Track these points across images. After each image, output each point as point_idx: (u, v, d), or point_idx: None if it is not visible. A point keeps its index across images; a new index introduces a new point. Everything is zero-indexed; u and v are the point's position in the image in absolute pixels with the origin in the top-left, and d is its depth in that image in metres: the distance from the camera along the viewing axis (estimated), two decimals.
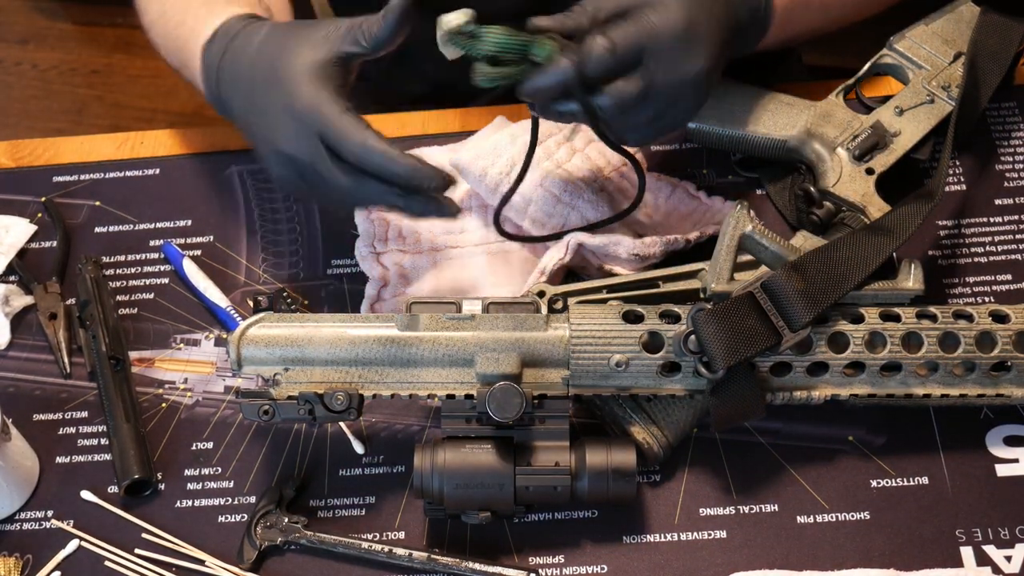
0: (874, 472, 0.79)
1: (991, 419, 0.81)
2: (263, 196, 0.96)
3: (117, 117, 2.17)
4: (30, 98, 2.23)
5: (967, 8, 0.93)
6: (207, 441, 0.84)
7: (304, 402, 0.74)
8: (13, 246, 0.94)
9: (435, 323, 0.74)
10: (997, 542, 0.76)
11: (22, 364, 0.88)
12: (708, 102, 0.89)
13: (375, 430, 0.83)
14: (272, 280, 0.91)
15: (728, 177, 0.94)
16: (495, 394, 0.72)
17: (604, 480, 0.74)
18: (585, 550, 0.77)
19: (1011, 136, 0.95)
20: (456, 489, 0.73)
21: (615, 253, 0.83)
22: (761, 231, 0.75)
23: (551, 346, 0.74)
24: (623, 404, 0.77)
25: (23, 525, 0.80)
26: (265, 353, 0.74)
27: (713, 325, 0.71)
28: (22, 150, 1.02)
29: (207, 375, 0.87)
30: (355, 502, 0.80)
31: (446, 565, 0.76)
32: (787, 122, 0.89)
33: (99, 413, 0.85)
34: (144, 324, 0.90)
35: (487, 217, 0.90)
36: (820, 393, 0.75)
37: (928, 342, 0.74)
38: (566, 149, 0.89)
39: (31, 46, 2.30)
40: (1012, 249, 0.89)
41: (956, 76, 0.89)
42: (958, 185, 0.93)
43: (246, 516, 0.80)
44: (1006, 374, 0.75)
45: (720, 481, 0.79)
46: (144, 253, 0.94)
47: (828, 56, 1.26)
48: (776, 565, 0.76)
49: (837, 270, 0.74)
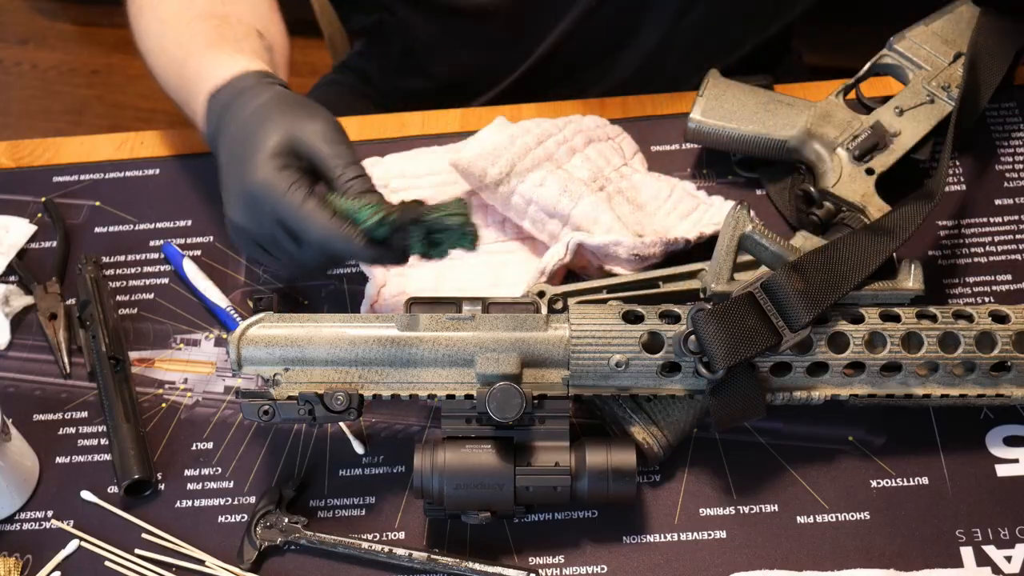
0: (874, 472, 0.79)
1: (991, 419, 0.81)
2: None
3: (117, 117, 2.17)
4: (30, 98, 2.23)
5: (967, 8, 0.93)
6: (207, 441, 0.84)
7: (304, 402, 0.74)
8: (13, 246, 0.94)
9: (435, 323, 0.74)
10: (997, 542, 0.76)
11: (22, 364, 0.88)
12: (708, 102, 0.90)
13: (375, 430, 0.83)
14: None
15: (728, 177, 0.95)
16: (495, 394, 0.72)
17: (604, 480, 0.74)
18: (585, 550, 0.77)
19: (1011, 136, 0.95)
20: (456, 489, 0.73)
21: (615, 253, 0.83)
22: (761, 231, 0.75)
23: (551, 346, 0.74)
24: (623, 404, 0.77)
25: (23, 525, 0.80)
26: (265, 353, 0.74)
27: (713, 325, 0.71)
28: (22, 150, 1.02)
29: (207, 375, 0.87)
30: (355, 502, 0.80)
31: (446, 565, 0.76)
32: (787, 122, 0.89)
33: (99, 413, 0.85)
34: (144, 324, 0.90)
35: (487, 217, 0.90)
36: (820, 393, 0.75)
37: (928, 342, 0.74)
38: (566, 149, 0.89)
39: (31, 46, 2.30)
40: (1012, 249, 0.89)
41: (956, 76, 0.89)
42: (958, 185, 0.93)
43: (246, 516, 0.80)
44: (1006, 374, 0.75)
45: (720, 481, 0.79)
46: (144, 253, 0.94)
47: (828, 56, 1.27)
48: (776, 565, 0.76)
49: (837, 270, 0.74)
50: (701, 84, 0.91)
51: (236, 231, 0.78)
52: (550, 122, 0.92)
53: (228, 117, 0.79)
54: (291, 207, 0.73)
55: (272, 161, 0.74)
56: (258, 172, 0.74)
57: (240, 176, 0.75)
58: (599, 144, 0.91)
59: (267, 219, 0.74)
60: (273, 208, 0.73)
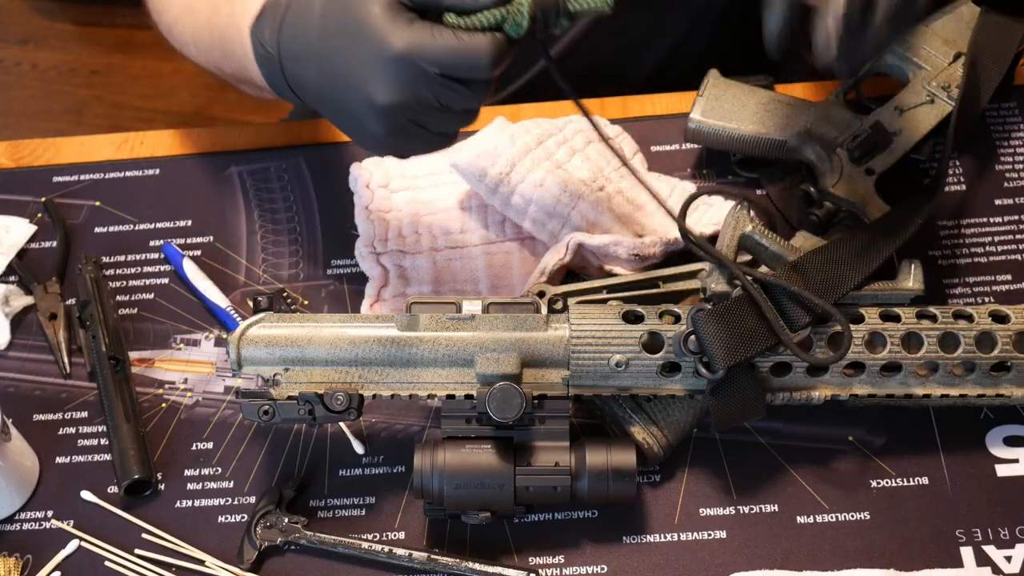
0: (874, 472, 0.79)
1: (991, 419, 0.81)
2: (263, 196, 0.96)
3: (117, 117, 2.17)
4: (30, 98, 2.23)
5: (967, 8, 0.93)
6: (207, 441, 0.84)
7: (304, 402, 0.74)
8: (13, 246, 0.94)
9: (435, 323, 0.74)
10: (997, 542, 0.76)
11: (22, 364, 0.88)
12: (708, 102, 0.89)
13: (375, 430, 0.83)
14: (272, 280, 0.91)
15: (728, 177, 0.95)
16: (495, 394, 0.72)
17: (604, 480, 0.74)
18: (585, 550, 0.77)
19: (1011, 136, 0.95)
20: (456, 489, 0.73)
21: (615, 253, 0.84)
22: (761, 231, 0.75)
23: (551, 346, 0.74)
24: (623, 404, 0.77)
25: (23, 525, 0.80)
26: (265, 353, 0.74)
27: (713, 325, 0.71)
28: (22, 150, 1.02)
29: (207, 375, 0.87)
30: (355, 502, 0.80)
31: (446, 565, 0.76)
32: (787, 122, 0.89)
33: (99, 413, 0.85)
34: (144, 324, 0.90)
35: (487, 217, 0.90)
36: (820, 393, 0.75)
37: (928, 342, 0.74)
38: (566, 149, 0.89)
39: (31, 46, 2.30)
40: (1012, 249, 0.89)
41: (956, 76, 0.89)
42: (958, 185, 0.93)
43: (246, 516, 0.80)
44: (1006, 374, 0.75)
45: (720, 481, 0.79)
46: (144, 253, 0.94)
47: None
48: (776, 565, 0.76)
49: (837, 270, 0.74)
50: (701, 84, 0.91)
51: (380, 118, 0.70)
52: (550, 122, 0.92)
53: (293, 29, 0.73)
54: (449, 47, 0.67)
55: (397, 18, 0.68)
56: (391, 39, 0.67)
57: (371, 53, 0.68)
58: (599, 144, 0.91)
59: (426, 80, 0.68)
60: (430, 63, 0.67)
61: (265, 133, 1.00)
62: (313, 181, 0.96)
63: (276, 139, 0.99)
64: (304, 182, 0.97)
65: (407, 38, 0.67)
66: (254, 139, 1.00)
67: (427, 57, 0.67)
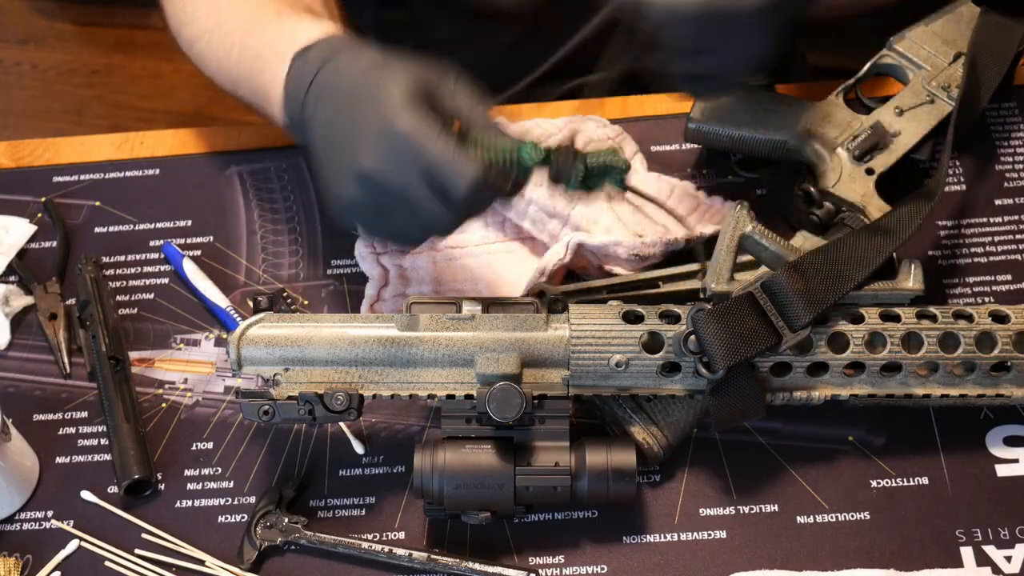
0: (874, 472, 0.79)
1: (991, 419, 0.81)
2: (263, 196, 0.96)
3: (117, 117, 2.17)
4: (30, 98, 2.23)
5: (967, 8, 0.93)
6: (207, 441, 0.84)
7: (304, 402, 0.74)
8: (13, 246, 0.94)
9: (435, 323, 0.74)
10: (997, 542, 0.76)
11: (22, 364, 0.88)
12: (708, 103, 0.89)
13: (375, 430, 0.83)
14: (272, 280, 0.91)
15: (728, 177, 0.94)
16: (495, 394, 0.72)
17: (604, 480, 0.74)
18: (585, 550, 0.77)
19: (1011, 136, 0.95)
20: (456, 489, 0.73)
21: (615, 253, 0.84)
22: (761, 231, 0.75)
23: (551, 346, 0.74)
24: (623, 404, 0.77)
25: (23, 525, 0.80)
26: (265, 353, 0.74)
27: (713, 325, 0.71)
28: (22, 150, 1.02)
29: (207, 375, 0.87)
30: (355, 502, 0.80)
31: (446, 565, 0.76)
32: (787, 122, 0.89)
33: (99, 413, 0.85)
34: (144, 324, 0.90)
35: (487, 217, 0.90)
36: (820, 393, 0.75)
37: (928, 342, 0.74)
38: None
39: (31, 46, 2.30)
40: (1012, 249, 0.89)
41: (956, 76, 0.89)
42: (958, 185, 0.93)
43: (246, 516, 0.80)
44: (1006, 374, 0.75)
45: (720, 481, 0.79)
46: (144, 253, 0.94)
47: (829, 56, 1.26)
48: (776, 565, 0.76)
49: (837, 270, 0.74)
50: None
51: (357, 182, 0.71)
52: (550, 122, 0.92)
53: (333, 73, 0.74)
54: (443, 153, 0.67)
55: (415, 107, 0.69)
56: (401, 117, 0.68)
57: (377, 121, 0.69)
58: (599, 144, 0.90)
59: (410, 168, 0.68)
60: (420, 155, 0.68)
61: (265, 133, 1.00)
62: (313, 181, 0.96)
63: (276, 139, 0.99)
64: (304, 182, 0.97)
65: (412, 124, 0.68)
66: (254, 139, 1.00)
67: (419, 147, 0.68)
